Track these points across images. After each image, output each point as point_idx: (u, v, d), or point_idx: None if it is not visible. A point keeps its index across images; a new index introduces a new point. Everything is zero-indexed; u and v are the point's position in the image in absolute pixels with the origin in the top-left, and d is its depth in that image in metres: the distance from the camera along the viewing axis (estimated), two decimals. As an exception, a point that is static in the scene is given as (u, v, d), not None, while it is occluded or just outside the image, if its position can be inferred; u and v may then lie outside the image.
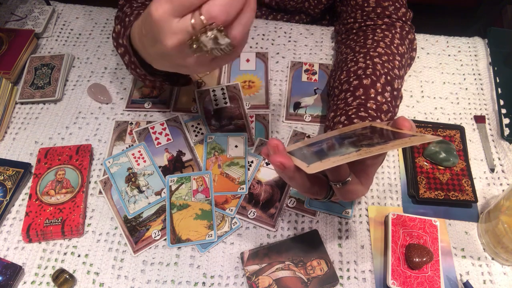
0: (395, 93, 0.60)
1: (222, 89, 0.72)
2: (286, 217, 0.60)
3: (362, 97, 0.57)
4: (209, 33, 0.38)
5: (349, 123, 0.54)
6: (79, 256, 0.57)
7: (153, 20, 0.39)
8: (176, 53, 0.41)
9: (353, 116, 0.55)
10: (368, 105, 0.56)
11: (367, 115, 0.55)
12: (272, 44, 0.79)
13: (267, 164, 0.64)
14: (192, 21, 0.38)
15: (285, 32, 0.80)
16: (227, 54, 0.41)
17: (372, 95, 0.57)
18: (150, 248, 0.57)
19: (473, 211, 0.62)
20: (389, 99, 0.58)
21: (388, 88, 0.59)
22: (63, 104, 0.71)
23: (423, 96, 0.73)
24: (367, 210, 0.61)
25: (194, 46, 0.39)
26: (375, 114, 0.55)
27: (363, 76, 0.59)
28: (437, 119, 0.71)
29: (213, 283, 0.55)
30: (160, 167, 0.64)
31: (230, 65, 0.75)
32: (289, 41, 0.79)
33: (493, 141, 0.69)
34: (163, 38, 0.40)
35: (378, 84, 0.58)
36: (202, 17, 0.37)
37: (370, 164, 0.45)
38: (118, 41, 0.59)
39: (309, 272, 0.54)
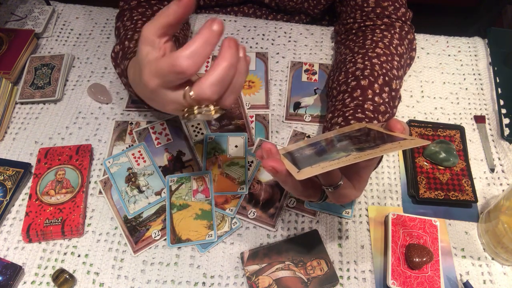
0: (393, 93, 0.60)
1: (222, 89, 0.71)
2: (286, 217, 0.60)
3: (360, 98, 0.57)
4: (202, 109, 0.39)
5: (346, 125, 0.54)
6: (79, 256, 0.57)
7: (148, 89, 0.40)
8: (173, 112, 0.43)
9: (350, 117, 0.55)
10: (366, 106, 0.56)
11: (364, 116, 0.55)
12: (272, 44, 0.79)
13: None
14: (184, 98, 0.39)
15: (285, 32, 0.80)
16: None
17: (370, 96, 0.57)
18: (150, 248, 0.57)
19: (473, 211, 0.62)
20: (387, 100, 0.58)
21: (386, 89, 0.59)
22: (63, 104, 0.71)
23: (423, 96, 0.73)
24: (367, 210, 0.61)
25: (187, 116, 0.40)
26: (372, 115, 0.55)
27: (361, 77, 0.59)
28: (437, 119, 0.71)
29: (213, 283, 0.55)
30: (160, 167, 0.64)
31: (230, 65, 0.75)
32: (289, 41, 0.79)
33: (493, 141, 0.69)
34: (161, 105, 0.42)
35: (376, 85, 0.58)
36: (192, 95, 0.38)
37: (363, 167, 0.45)
38: (117, 61, 0.60)
39: (309, 272, 0.54)
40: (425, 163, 0.64)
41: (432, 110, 0.72)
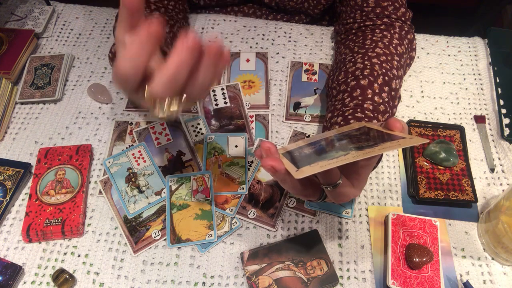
0: (393, 93, 0.60)
1: (222, 89, 0.72)
2: (286, 217, 0.60)
3: (359, 98, 0.57)
4: (164, 105, 0.38)
5: (345, 124, 0.54)
6: (79, 256, 0.57)
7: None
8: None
9: (349, 117, 0.55)
10: (365, 105, 0.56)
11: (363, 115, 0.55)
12: (272, 44, 0.79)
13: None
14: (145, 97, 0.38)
15: (285, 32, 0.80)
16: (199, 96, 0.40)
17: (369, 96, 0.57)
18: (150, 248, 0.57)
19: (473, 211, 0.62)
20: (386, 99, 0.58)
21: (386, 88, 0.59)
22: (63, 104, 0.71)
23: (423, 96, 0.73)
24: (367, 210, 0.61)
25: (156, 112, 0.39)
26: (371, 115, 0.55)
27: (361, 77, 0.59)
28: (437, 119, 0.71)
29: (213, 283, 0.55)
30: (160, 167, 0.64)
31: (230, 65, 0.75)
32: (289, 41, 0.79)
33: (493, 141, 0.69)
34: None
35: (376, 85, 0.58)
36: (146, 94, 0.38)
37: (362, 166, 0.45)
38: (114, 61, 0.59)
39: (309, 272, 0.54)
40: (425, 163, 0.64)
41: (432, 110, 0.72)
